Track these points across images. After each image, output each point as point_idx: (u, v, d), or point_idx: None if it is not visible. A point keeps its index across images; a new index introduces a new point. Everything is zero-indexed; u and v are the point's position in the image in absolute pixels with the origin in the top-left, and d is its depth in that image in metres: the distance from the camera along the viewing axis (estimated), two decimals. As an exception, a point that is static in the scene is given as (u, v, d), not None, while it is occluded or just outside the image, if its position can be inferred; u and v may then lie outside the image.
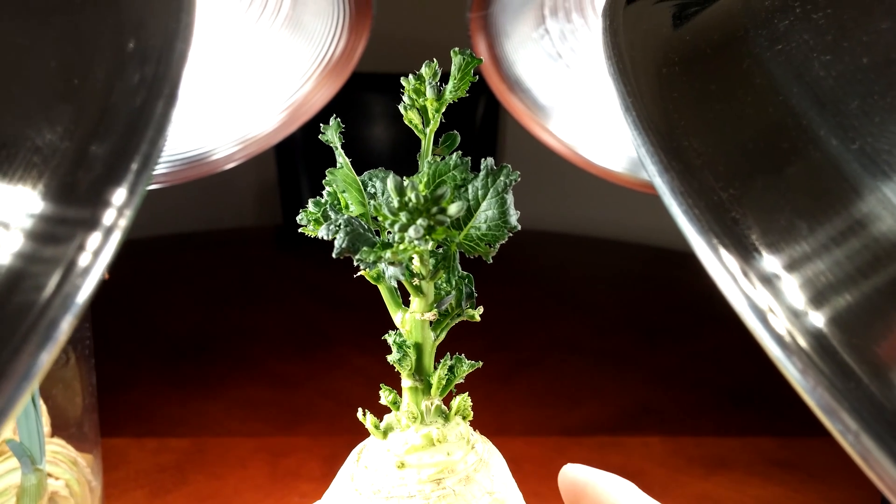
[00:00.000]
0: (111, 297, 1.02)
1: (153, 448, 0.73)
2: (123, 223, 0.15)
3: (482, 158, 0.24)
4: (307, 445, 0.74)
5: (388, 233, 0.23)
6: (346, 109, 0.36)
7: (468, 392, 0.29)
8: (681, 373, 0.92)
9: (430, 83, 0.24)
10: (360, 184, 0.26)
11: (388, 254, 0.22)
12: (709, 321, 1.02)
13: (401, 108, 0.25)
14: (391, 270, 0.25)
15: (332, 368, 0.89)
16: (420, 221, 0.21)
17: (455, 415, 0.27)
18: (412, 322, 0.26)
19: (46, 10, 0.17)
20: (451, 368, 0.28)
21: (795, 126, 0.20)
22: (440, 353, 0.29)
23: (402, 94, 0.26)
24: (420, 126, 0.26)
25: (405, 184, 0.22)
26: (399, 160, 1.07)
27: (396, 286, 0.28)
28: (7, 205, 0.15)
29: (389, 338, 0.27)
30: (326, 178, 0.25)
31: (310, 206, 0.27)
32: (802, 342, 0.17)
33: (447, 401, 0.28)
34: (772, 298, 0.17)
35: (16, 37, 0.17)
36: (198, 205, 1.61)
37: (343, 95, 0.63)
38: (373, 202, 0.24)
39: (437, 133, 0.27)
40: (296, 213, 0.27)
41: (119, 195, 0.15)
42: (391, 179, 0.21)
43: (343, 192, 0.25)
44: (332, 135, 0.25)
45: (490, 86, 0.68)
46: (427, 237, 0.22)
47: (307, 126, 0.61)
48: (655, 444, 0.76)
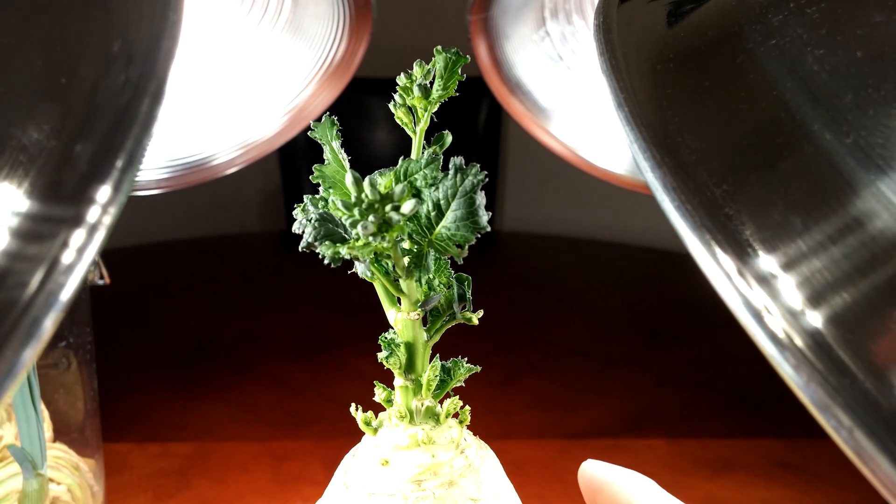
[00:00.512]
0: (116, 302, 1.02)
1: (156, 453, 0.73)
2: (108, 220, 0.15)
3: (451, 157, 0.24)
4: (310, 449, 0.74)
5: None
6: (349, 114, 0.36)
7: (472, 396, 0.28)
8: (685, 375, 0.92)
9: (419, 82, 0.24)
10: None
11: (344, 249, 0.22)
12: (713, 324, 1.02)
13: (391, 107, 0.25)
14: (359, 267, 0.25)
15: (336, 372, 0.89)
16: (371, 218, 0.21)
17: (447, 418, 0.27)
18: (403, 321, 0.26)
19: (33, 10, 0.17)
20: (448, 371, 0.28)
21: (789, 121, 0.20)
22: (444, 357, 0.28)
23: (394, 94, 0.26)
24: (410, 125, 0.25)
25: (364, 181, 0.22)
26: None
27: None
28: (-7, 204, 0.15)
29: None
30: (314, 175, 0.25)
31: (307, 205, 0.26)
32: (796, 338, 0.16)
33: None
34: (765, 295, 0.17)
35: (2, 36, 0.17)
36: (202, 210, 1.62)
37: (345, 100, 0.63)
38: (330, 198, 0.24)
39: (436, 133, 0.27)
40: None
41: (104, 192, 0.15)
42: (349, 174, 0.21)
43: (330, 189, 0.25)
44: (324, 132, 0.25)
45: (490, 88, 0.68)
46: (383, 234, 0.22)
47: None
48: (660, 447, 0.76)
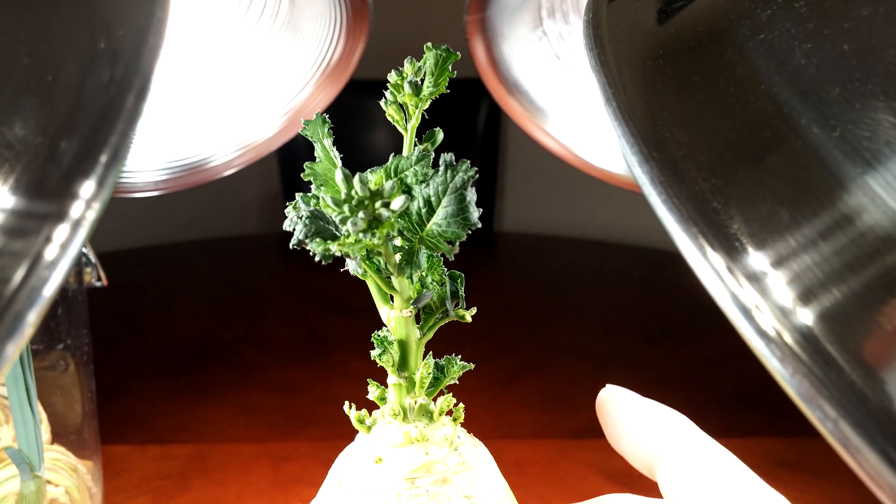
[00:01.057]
0: (114, 305, 1.03)
1: (156, 455, 0.73)
2: (92, 216, 0.15)
3: (441, 154, 0.24)
4: (310, 451, 0.74)
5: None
6: (347, 116, 0.36)
7: (472, 396, 0.28)
8: (684, 375, 0.91)
9: (410, 79, 0.24)
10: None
11: (335, 246, 0.22)
12: (712, 324, 1.01)
13: (382, 104, 0.25)
14: (350, 264, 0.25)
15: (335, 374, 0.89)
16: (361, 214, 0.21)
17: (441, 415, 0.27)
18: (395, 318, 0.26)
19: (19, 6, 0.17)
20: (442, 368, 0.28)
21: (777, 115, 0.20)
22: (439, 356, 0.28)
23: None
24: (402, 122, 0.26)
25: (354, 178, 0.22)
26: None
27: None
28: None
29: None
30: (305, 172, 0.25)
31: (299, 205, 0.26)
32: (782, 330, 0.16)
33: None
34: (752, 289, 0.17)
35: (-12, 33, 0.17)
36: (202, 213, 1.62)
37: (344, 102, 0.63)
38: (321, 195, 0.24)
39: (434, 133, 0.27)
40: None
41: (87, 188, 0.15)
42: (339, 171, 0.21)
43: (321, 186, 0.25)
44: (315, 130, 0.25)
45: (488, 88, 0.68)
46: (373, 231, 0.22)
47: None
48: (659, 447, 0.76)
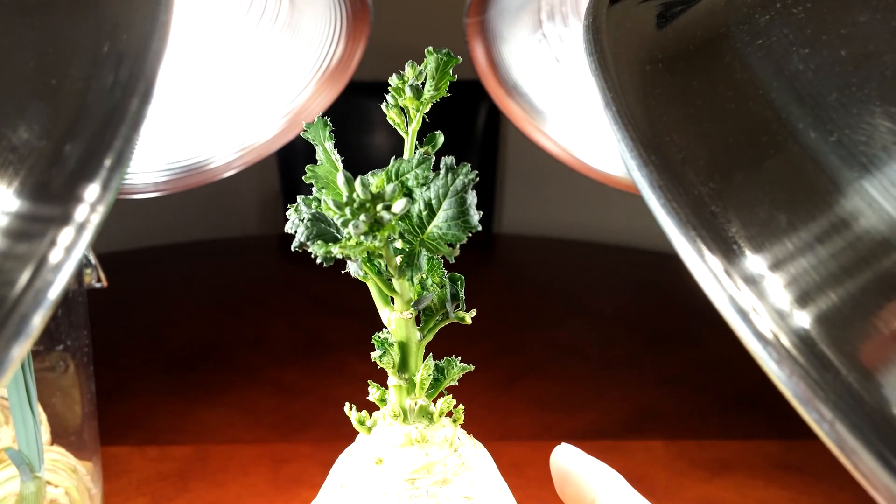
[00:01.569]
0: (114, 306, 1.03)
1: (155, 456, 0.73)
2: (96, 219, 0.15)
3: (442, 157, 0.24)
4: (309, 452, 0.74)
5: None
6: (348, 118, 0.36)
7: (472, 397, 0.28)
8: (683, 377, 0.92)
9: (411, 83, 0.24)
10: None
11: (336, 248, 0.22)
12: (711, 325, 1.02)
13: (383, 108, 0.25)
14: (351, 266, 0.25)
15: (334, 375, 0.89)
16: (362, 217, 0.22)
17: (441, 417, 0.27)
18: (396, 320, 0.26)
19: (25, 11, 0.18)
20: (442, 370, 0.28)
21: (775, 119, 0.20)
22: (439, 357, 0.29)
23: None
24: (403, 125, 0.26)
25: (356, 180, 0.22)
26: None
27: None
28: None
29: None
30: (306, 175, 0.25)
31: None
32: (779, 333, 0.17)
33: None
34: (749, 292, 0.17)
35: (-6, 38, 0.17)
36: (201, 214, 1.62)
37: (344, 104, 0.63)
38: (322, 198, 0.24)
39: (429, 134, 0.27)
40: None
41: (92, 191, 0.15)
42: (341, 174, 0.22)
43: (322, 189, 0.25)
44: (316, 132, 0.25)
45: (488, 91, 0.68)
46: (374, 233, 0.22)
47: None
48: (658, 448, 0.76)
